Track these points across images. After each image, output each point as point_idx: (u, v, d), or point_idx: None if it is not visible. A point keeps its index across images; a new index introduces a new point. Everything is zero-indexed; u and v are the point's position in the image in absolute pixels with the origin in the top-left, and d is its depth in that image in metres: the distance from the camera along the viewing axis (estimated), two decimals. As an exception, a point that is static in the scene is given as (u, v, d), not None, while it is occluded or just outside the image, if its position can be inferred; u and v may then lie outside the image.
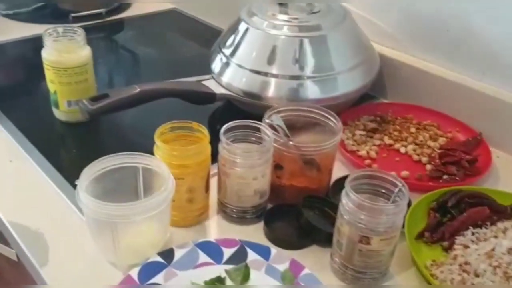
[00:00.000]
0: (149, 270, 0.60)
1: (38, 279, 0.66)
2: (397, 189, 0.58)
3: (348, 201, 0.58)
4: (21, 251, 0.67)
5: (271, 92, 0.87)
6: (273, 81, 0.87)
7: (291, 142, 0.68)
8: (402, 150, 0.87)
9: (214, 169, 0.71)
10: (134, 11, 1.45)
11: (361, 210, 0.56)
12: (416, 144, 0.88)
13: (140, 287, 0.57)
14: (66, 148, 0.89)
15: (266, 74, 0.87)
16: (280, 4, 0.93)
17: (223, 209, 0.71)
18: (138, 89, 0.81)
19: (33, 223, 0.70)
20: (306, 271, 0.61)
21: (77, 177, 0.59)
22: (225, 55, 0.92)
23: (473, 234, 0.67)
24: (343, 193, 0.59)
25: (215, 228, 0.71)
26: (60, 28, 0.87)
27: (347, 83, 0.89)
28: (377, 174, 0.60)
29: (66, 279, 0.62)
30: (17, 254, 0.85)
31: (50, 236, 0.68)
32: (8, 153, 0.83)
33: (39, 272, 0.63)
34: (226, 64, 0.92)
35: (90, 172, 0.60)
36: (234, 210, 0.70)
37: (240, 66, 0.89)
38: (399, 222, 0.58)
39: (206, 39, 1.15)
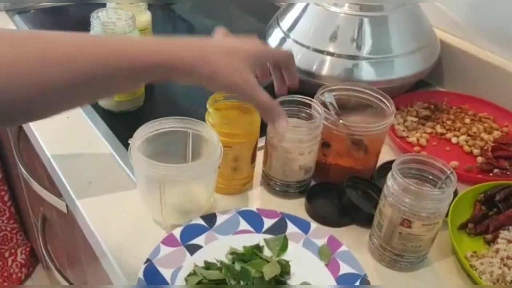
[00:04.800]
0: (191, 231, 0.62)
1: (85, 229, 0.69)
2: (445, 176, 0.58)
3: (393, 183, 0.57)
4: (72, 202, 0.71)
5: (325, 70, 0.86)
6: (328, 59, 0.86)
7: (341, 121, 0.68)
8: (454, 140, 0.85)
9: (261, 143, 0.72)
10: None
11: (406, 193, 0.56)
12: (469, 135, 0.86)
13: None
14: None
15: (322, 51, 0.86)
16: (343, -18, 0.91)
17: (267, 182, 0.72)
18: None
19: (85, 177, 0.73)
20: (343, 248, 0.61)
21: (129, 137, 0.61)
22: (282, 30, 0.92)
23: (519, 230, 0.65)
24: (389, 175, 0.58)
25: (258, 199, 0.72)
26: (123, -8, 0.89)
27: (404, 68, 0.87)
28: (426, 160, 0.60)
29: (112, 232, 0.65)
30: (67, 205, 0.90)
31: (100, 191, 0.71)
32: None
33: (87, 223, 0.67)
34: (283, 40, 0.92)
35: (142, 133, 0.63)
36: (278, 184, 0.71)
37: (296, 42, 0.89)
38: (444, 209, 0.57)
39: (266, 15, 1.15)
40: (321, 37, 0.87)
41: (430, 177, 0.60)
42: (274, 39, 0.93)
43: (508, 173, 0.78)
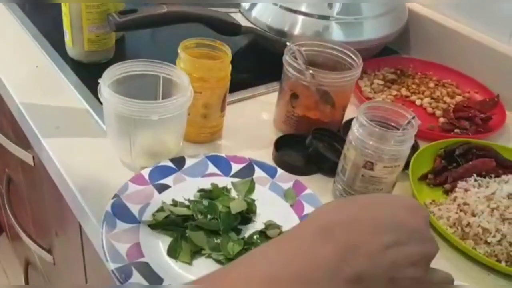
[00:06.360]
0: (160, 171, 0.63)
1: (53, 172, 0.69)
2: (406, 121, 0.60)
3: (359, 127, 0.59)
4: (39, 145, 0.71)
5: (297, 30, 0.88)
6: (300, 19, 0.87)
7: (310, 71, 0.69)
8: (418, 102, 0.88)
9: (231, 97, 0.73)
10: None
11: (370, 136, 0.58)
12: (432, 98, 0.89)
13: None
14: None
15: (295, 11, 0.87)
16: None
17: (236, 131, 0.73)
18: (166, 9, 0.82)
19: (53, 123, 0.73)
20: (308, 191, 0.63)
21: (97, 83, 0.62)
22: (255, -10, 0.93)
23: (475, 180, 0.68)
24: (354, 120, 0.60)
25: (227, 148, 0.73)
26: None
27: (373, 30, 0.89)
28: (389, 107, 0.62)
29: (80, 173, 0.65)
30: (34, 158, 0.89)
31: (68, 136, 0.71)
32: (35, 59, 0.86)
33: (55, 164, 0.66)
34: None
35: (112, 73, 0.63)
36: (247, 133, 0.72)
37: (269, 1, 0.90)
38: (404, 152, 0.60)
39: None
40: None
41: (392, 123, 0.62)
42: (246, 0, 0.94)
43: (469, 133, 0.81)
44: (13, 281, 1.77)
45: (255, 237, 0.57)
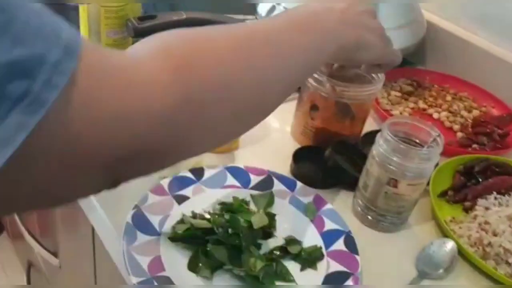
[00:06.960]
0: (179, 182, 0.62)
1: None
2: (432, 139, 0.59)
3: (383, 142, 0.58)
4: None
5: (314, 39, 0.87)
6: (318, 28, 0.87)
7: (331, 83, 0.68)
8: (435, 115, 0.88)
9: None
10: None
11: (395, 153, 0.57)
12: (450, 112, 0.88)
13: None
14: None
15: (312, 20, 0.87)
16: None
17: (254, 142, 0.73)
18: (185, 16, 0.82)
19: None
20: (328, 206, 0.62)
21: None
22: (273, -2, 0.92)
23: (495, 199, 0.68)
24: (378, 135, 0.60)
25: (244, 158, 0.72)
26: None
27: (392, 42, 0.88)
28: (415, 122, 0.61)
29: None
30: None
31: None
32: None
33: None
34: (273, 8, 0.92)
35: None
36: (265, 144, 0.71)
37: (286, 9, 0.89)
38: (429, 169, 0.59)
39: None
40: (312, 7, 0.88)
41: (417, 140, 0.61)
42: (264, 6, 0.93)
43: (486, 148, 0.80)
44: (14, 281, 1.76)
45: (276, 252, 0.56)
